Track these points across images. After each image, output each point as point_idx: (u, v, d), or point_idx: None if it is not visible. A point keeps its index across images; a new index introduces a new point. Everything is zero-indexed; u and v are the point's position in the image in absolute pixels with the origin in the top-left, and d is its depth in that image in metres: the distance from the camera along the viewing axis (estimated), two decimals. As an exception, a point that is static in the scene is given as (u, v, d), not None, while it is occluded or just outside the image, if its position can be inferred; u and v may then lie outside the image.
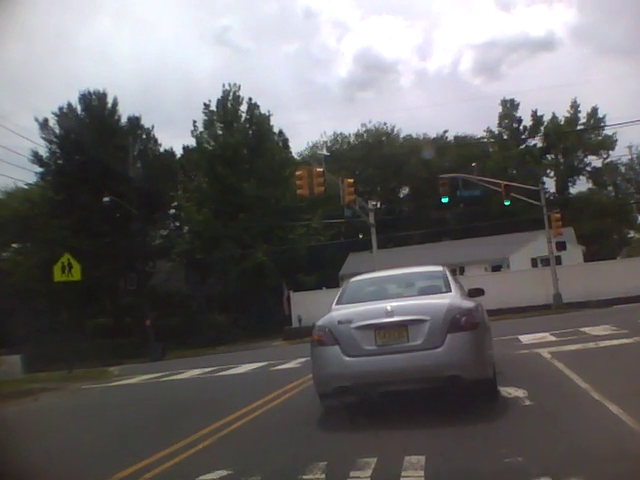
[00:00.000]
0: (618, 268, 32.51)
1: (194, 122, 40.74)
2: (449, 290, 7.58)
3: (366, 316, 7.00)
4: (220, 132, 40.63)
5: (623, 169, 59.71)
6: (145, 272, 44.37)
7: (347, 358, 6.86)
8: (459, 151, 57.19)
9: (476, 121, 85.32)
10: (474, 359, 6.86)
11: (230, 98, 41.57)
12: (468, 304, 7.24)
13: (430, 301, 7.34)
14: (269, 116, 41.67)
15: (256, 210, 38.59)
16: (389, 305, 7.06)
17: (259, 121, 41.72)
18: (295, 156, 57.60)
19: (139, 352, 32.08)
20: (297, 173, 23.65)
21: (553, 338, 14.00)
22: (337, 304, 7.84)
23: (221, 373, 15.39)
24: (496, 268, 39.82)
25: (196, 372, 16.39)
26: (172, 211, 42.29)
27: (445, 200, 28.25)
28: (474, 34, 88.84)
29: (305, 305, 31.45)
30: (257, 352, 24.70)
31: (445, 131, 59.30)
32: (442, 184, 27.76)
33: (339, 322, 7.08)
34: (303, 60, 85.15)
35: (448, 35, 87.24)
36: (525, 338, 14.55)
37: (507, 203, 28.61)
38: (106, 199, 31.17)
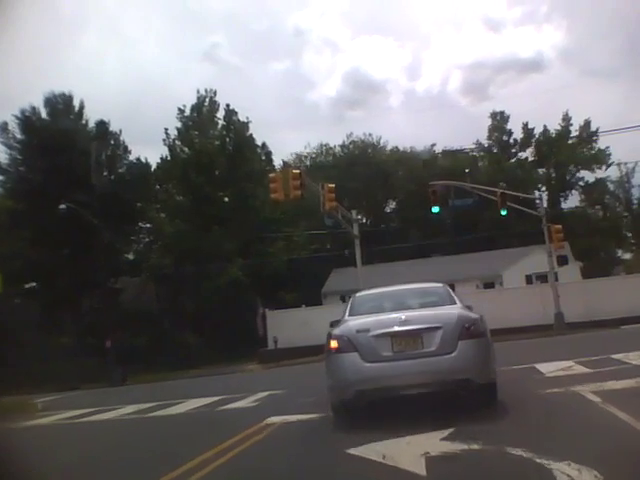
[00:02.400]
0: (620, 285, 30.17)
1: (166, 130, 38.16)
2: (454, 302, 8.28)
3: (383, 325, 7.55)
4: (196, 140, 38.03)
5: (612, 187, 57.96)
6: (112, 288, 41.62)
7: (366, 364, 7.35)
8: (447, 164, 55.08)
9: (464, 137, 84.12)
10: (483, 364, 7.57)
11: (206, 104, 39.11)
12: (474, 315, 7.86)
13: (441, 311, 7.94)
14: (248, 123, 39.25)
15: (232, 222, 35.95)
16: (404, 315, 7.67)
17: (237, 128, 39.27)
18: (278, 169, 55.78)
19: (100, 376, 29.10)
20: (271, 175, 21.16)
21: (584, 369, 10.92)
22: (350, 315, 8.30)
23: (157, 413, 12.30)
24: (488, 285, 37.35)
25: (129, 410, 13.28)
26: (147, 225, 39.38)
27: (436, 210, 25.80)
28: (463, 55, 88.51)
29: (282, 324, 28.76)
30: (224, 379, 21.97)
31: (433, 144, 57.19)
32: (433, 192, 25.32)
33: (357, 331, 7.54)
34: (292, 78, 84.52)
35: (437, 55, 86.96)
36: (545, 368, 11.53)
37: (503, 212, 26.21)
38: (62, 206, 28.36)
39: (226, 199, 36.30)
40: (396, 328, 7.46)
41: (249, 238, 35.75)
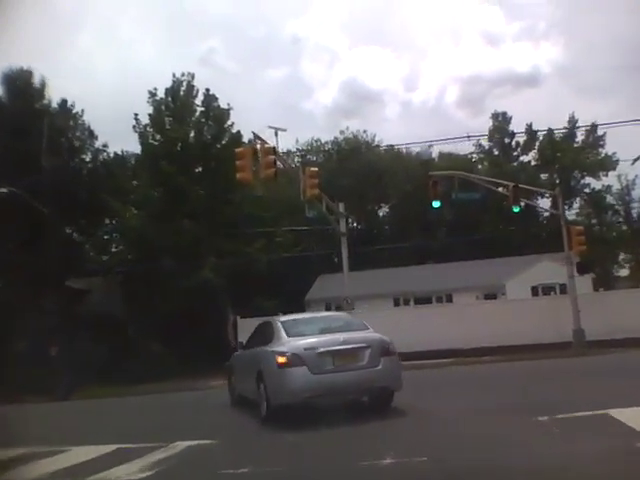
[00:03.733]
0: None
1: (136, 115, 34.23)
2: (368, 328, 10.55)
3: (326, 344, 9.55)
4: (168, 127, 34.21)
5: (612, 199, 54.55)
6: (74, 289, 37.75)
7: (314, 375, 9.29)
8: (445, 165, 51.59)
9: (460, 146, 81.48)
10: (398, 375, 9.97)
11: (183, 88, 35.30)
12: (388, 338, 10.09)
13: (368, 335, 10.16)
14: (229, 110, 35.44)
15: (207, 217, 32.12)
16: (341, 337, 9.82)
17: (217, 116, 35.45)
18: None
19: (49, 387, 25.16)
20: (237, 150, 17.47)
21: None
22: (289, 337, 9.97)
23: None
24: (489, 297, 33.68)
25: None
26: (113, 221, 35.46)
27: (437, 204, 22.20)
28: (460, 68, 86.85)
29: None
30: (172, 400, 18.33)
31: (430, 145, 53.62)
32: (433, 183, 21.67)
33: (305, 349, 9.42)
34: (288, 86, 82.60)
35: (434, 68, 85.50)
36: (633, 418, 7.22)
37: (516, 210, 22.74)
38: (3, 190, 24.50)
39: (201, 192, 32.38)
40: (337, 347, 9.40)
41: (225, 236, 31.90)
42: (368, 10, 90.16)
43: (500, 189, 27.64)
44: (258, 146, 16.94)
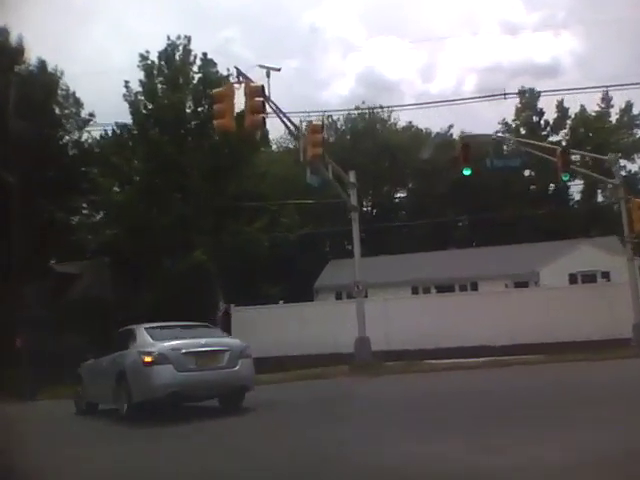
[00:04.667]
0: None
1: (126, 82, 30.66)
2: (225, 335, 12.91)
3: (190, 346, 10.44)
4: (160, 94, 30.65)
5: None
6: (59, 274, 34.51)
7: (178, 373, 10.10)
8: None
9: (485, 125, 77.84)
10: (253, 375, 11.29)
11: (179, 52, 31.69)
12: (244, 342, 11.52)
13: (228, 339, 11.88)
14: (229, 76, 31.69)
15: (201, 193, 28.62)
16: (204, 340, 10.88)
17: (216, 83, 31.66)
18: (274, 148, 48.14)
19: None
20: (215, 91, 13.88)
21: None
22: (154, 340, 10.67)
23: None
24: (520, 285, 29.73)
25: None
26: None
27: (467, 172, 18.55)
28: (479, 58, 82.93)
29: (251, 326, 21.40)
30: None
31: (450, 126, 49.63)
32: (464, 147, 17.88)
33: (171, 349, 10.26)
34: (304, 76, 78.99)
35: (453, 58, 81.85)
36: None
37: (565, 178, 19.09)
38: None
39: (195, 165, 28.83)
40: (200, 349, 10.49)
41: (221, 214, 28.35)
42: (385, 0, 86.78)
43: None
44: (242, 85, 13.28)
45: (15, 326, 22.28)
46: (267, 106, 13.98)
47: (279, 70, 14.14)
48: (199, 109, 31.77)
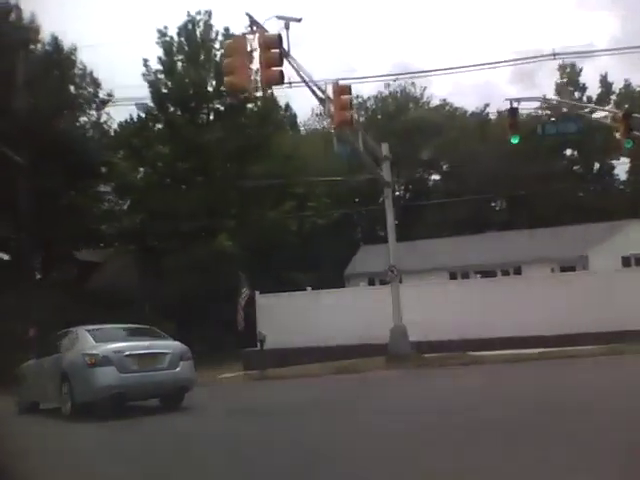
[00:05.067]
0: None
1: (145, 61, 29.25)
2: (167, 338, 11.88)
3: (132, 348, 10.63)
4: (180, 71, 29.18)
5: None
6: (82, 262, 33.52)
7: (121, 374, 10.25)
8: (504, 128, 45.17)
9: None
10: (194, 377, 11.44)
11: (199, 28, 30.11)
12: (185, 346, 11.36)
13: (169, 342, 11.53)
14: (252, 53, 29.97)
15: (224, 176, 27.11)
16: (146, 343, 11.05)
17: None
18: (303, 130, 46.34)
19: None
20: (227, 43, 12.25)
21: None
22: (97, 342, 10.79)
23: None
24: (567, 269, 27.44)
25: None
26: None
27: (515, 140, 16.55)
28: (512, 41, 78.79)
29: (275, 313, 19.78)
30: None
31: (486, 105, 47.10)
32: (511, 112, 15.83)
33: (114, 352, 10.39)
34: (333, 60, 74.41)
35: (485, 42, 77.46)
36: None
37: (628, 145, 16.85)
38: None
39: (218, 146, 27.30)
40: (142, 351, 10.65)
41: (245, 197, 26.82)
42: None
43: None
44: (256, 37, 11.57)
45: (31, 315, 21.00)
46: (286, 62, 12.26)
47: (299, 21, 12.39)
48: (222, 88, 30.29)
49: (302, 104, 74.11)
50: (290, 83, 16.16)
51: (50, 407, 11.42)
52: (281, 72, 11.89)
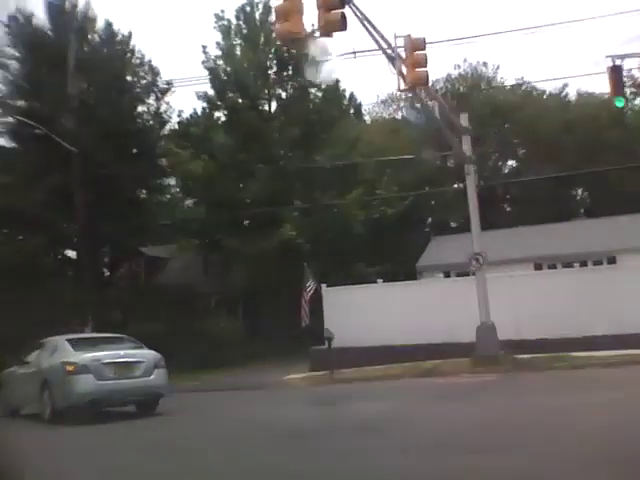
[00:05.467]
0: None
1: (204, 48, 28.05)
2: (143, 347, 12.18)
3: (109, 357, 11.13)
4: (238, 54, 27.82)
5: None
6: (148, 258, 32.88)
7: (98, 381, 10.77)
8: (585, 105, 41.69)
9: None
10: (167, 384, 11.84)
11: (258, 10, 28.64)
12: (159, 354, 11.84)
13: (144, 351, 11.92)
14: (313, 32, 28.28)
15: (287, 163, 25.55)
16: (122, 352, 11.51)
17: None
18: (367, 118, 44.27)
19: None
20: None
21: None
22: (76, 351, 11.29)
23: None
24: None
25: None
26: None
27: (620, 103, 14.18)
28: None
29: (343, 307, 17.93)
30: (236, 402, 13.03)
31: (565, 85, 43.53)
32: (613, 70, 13.37)
33: (92, 360, 10.89)
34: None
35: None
36: None
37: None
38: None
39: (277, 129, 25.81)
40: (118, 360, 11.15)
41: (310, 186, 25.18)
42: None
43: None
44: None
45: (88, 312, 20.09)
46: (348, 8, 10.48)
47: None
48: (284, 73, 28.79)
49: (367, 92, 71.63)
50: (354, 53, 14.44)
51: (31, 412, 11.74)
52: (342, 15, 10.12)
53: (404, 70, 11.72)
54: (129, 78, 26.55)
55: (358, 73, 67.70)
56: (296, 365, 18.28)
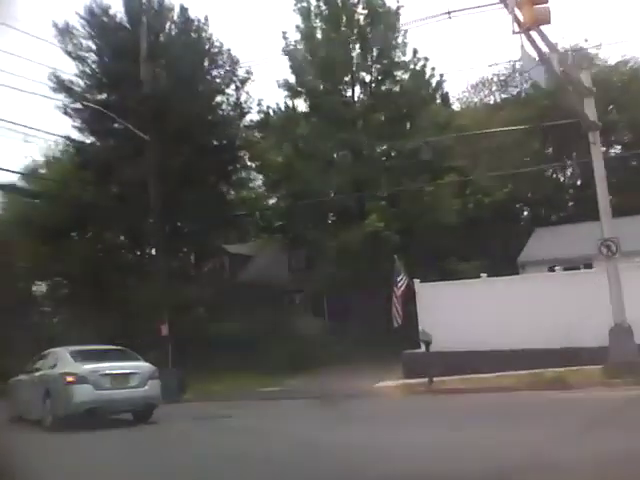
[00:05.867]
0: None
1: (284, 33, 26.58)
2: (139, 359, 12.80)
3: (106, 369, 11.69)
4: (318, 36, 26.17)
5: None
6: (230, 255, 31.93)
7: (96, 391, 11.36)
8: None
9: None
10: (159, 394, 12.41)
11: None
12: (153, 366, 12.60)
13: (139, 363, 12.54)
14: (398, 10, 26.27)
15: (372, 150, 23.64)
16: (119, 364, 12.15)
17: (386, 22, 26.49)
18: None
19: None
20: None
21: None
22: (77, 362, 11.92)
23: None
24: None
25: None
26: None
27: None
28: None
29: (439, 305, 15.76)
30: (319, 416, 11.04)
31: None
32: None
33: (91, 371, 11.49)
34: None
35: None
36: None
37: None
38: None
39: (361, 111, 23.93)
40: (115, 371, 11.78)
41: (398, 173, 23.14)
42: None
43: None
44: None
45: (164, 311, 18.95)
46: None
47: None
48: (368, 56, 26.87)
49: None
50: (449, 13, 12.50)
51: (34, 418, 12.27)
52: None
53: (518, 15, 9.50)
54: (207, 67, 25.43)
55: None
56: (387, 370, 16.33)
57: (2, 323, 26.46)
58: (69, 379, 11.38)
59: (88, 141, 25.59)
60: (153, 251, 26.69)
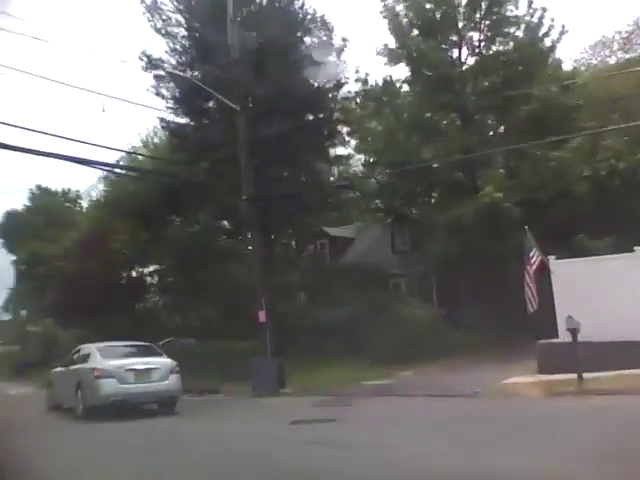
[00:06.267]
0: None
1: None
2: (162, 355, 14.31)
3: (130, 364, 13.14)
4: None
5: None
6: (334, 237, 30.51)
7: (120, 385, 12.76)
8: None
9: None
10: (181, 388, 13.78)
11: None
12: (174, 362, 13.82)
13: (161, 359, 13.91)
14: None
15: (484, 115, 21.06)
16: (142, 360, 13.49)
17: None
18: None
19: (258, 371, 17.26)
20: None
21: None
22: (104, 359, 13.36)
23: None
24: None
25: None
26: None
27: None
28: None
29: (579, 286, 13.11)
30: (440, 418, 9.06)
31: None
32: None
33: (116, 367, 12.92)
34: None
35: None
36: None
37: None
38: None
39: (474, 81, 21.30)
40: (137, 367, 13.12)
41: (514, 137, 20.40)
42: None
43: None
44: None
45: (264, 297, 17.51)
46: None
47: None
48: (477, 14, 24.04)
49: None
50: None
51: (69, 407, 13.75)
52: None
53: None
54: (300, 36, 23.71)
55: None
56: (514, 363, 13.96)
57: (106, 310, 26.49)
58: (97, 373, 12.82)
59: (182, 122, 24.75)
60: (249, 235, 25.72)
